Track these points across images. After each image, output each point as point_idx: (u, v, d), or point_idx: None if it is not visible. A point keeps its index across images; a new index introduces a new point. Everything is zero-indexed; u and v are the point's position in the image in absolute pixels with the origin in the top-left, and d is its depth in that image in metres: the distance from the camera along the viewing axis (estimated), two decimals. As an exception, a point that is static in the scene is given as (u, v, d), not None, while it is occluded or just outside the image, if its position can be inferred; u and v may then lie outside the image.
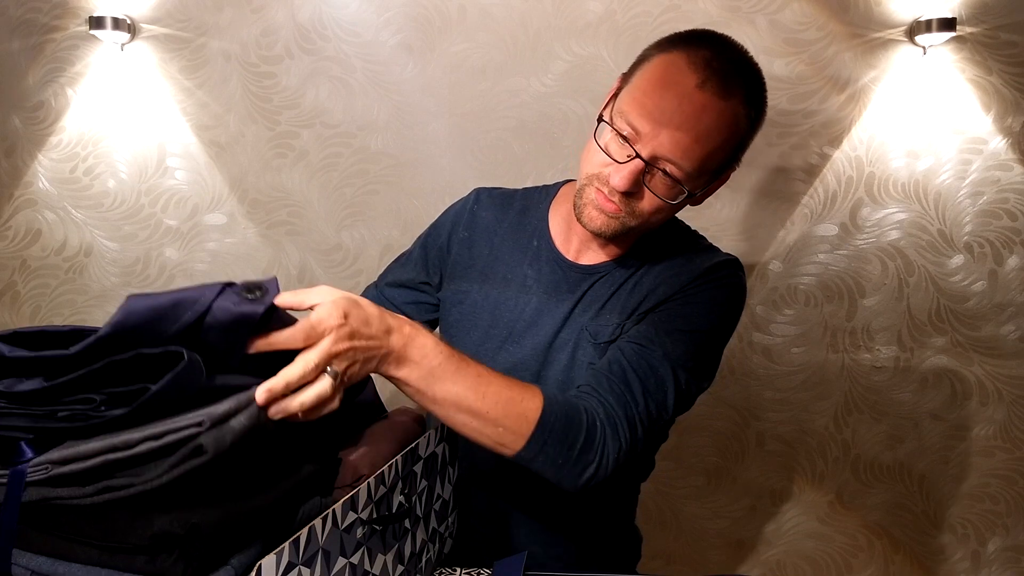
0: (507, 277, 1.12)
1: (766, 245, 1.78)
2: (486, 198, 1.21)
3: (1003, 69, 1.65)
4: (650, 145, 0.92)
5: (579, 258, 1.10)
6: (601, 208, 0.98)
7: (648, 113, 0.91)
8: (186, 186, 1.82)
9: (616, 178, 0.93)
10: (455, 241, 1.18)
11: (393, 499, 0.77)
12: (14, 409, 0.64)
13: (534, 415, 0.85)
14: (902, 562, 1.88)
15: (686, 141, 0.91)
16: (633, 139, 0.93)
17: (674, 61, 0.92)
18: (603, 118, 0.96)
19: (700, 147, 0.92)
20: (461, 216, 1.19)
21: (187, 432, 0.60)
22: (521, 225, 1.16)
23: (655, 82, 0.92)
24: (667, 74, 0.92)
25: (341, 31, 1.74)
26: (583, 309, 1.07)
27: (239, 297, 0.67)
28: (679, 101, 0.90)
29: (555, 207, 1.15)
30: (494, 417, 0.84)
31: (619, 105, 0.95)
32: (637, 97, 0.93)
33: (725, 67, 0.91)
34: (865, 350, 1.80)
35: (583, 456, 0.88)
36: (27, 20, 1.76)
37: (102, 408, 0.62)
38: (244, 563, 0.65)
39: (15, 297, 1.87)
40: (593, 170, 0.98)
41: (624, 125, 0.93)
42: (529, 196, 1.20)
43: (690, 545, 1.90)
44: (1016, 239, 1.72)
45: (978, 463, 1.82)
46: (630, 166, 0.93)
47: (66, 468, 0.61)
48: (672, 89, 0.91)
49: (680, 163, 0.92)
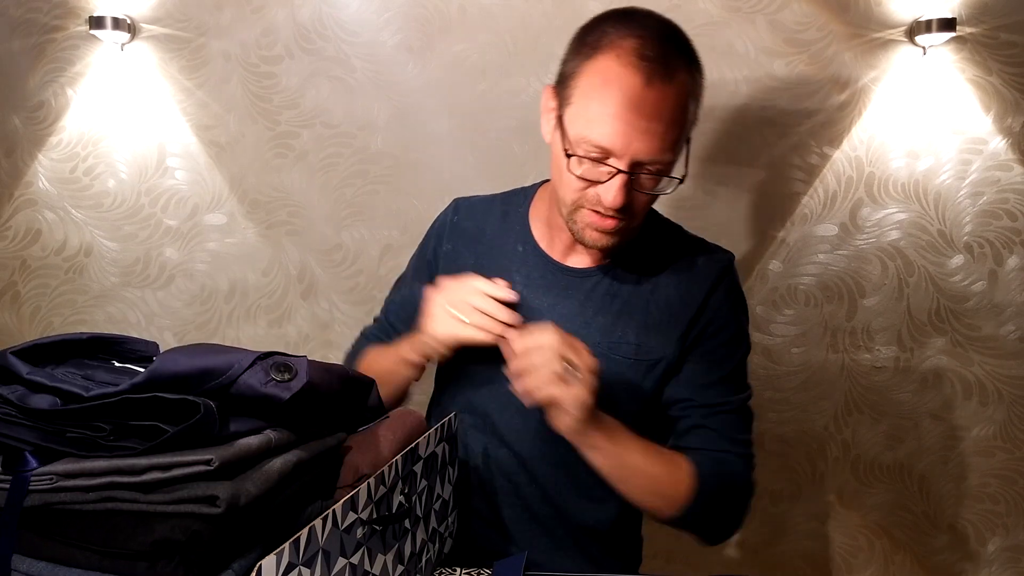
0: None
1: (766, 245, 1.78)
2: (465, 208, 1.20)
3: (1003, 69, 1.65)
4: (626, 156, 0.91)
5: (566, 260, 1.10)
6: (602, 229, 0.98)
7: (611, 131, 0.90)
8: (186, 186, 1.82)
9: (608, 197, 0.93)
10: (441, 255, 1.17)
11: (393, 499, 0.78)
12: (24, 421, 0.64)
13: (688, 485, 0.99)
14: (902, 562, 1.88)
15: (657, 138, 0.91)
16: (605, 156, 0.92)
17: (608, 68, 0.90)
18: (567, 152, 0.94)
19: (671, 134, 0.92)
20: (443, 230, 1.19)
21: (195, 469, 0.61)
22: (503, 231, 1.15)
23: (600, 99, 0.91)
24: (608, 85, 0.90)
25: (341, 31, 1.74)
26: (585, 320, 1.06)
27: (267, 376, 0.67)
28: (635, 107, 0.89)
29: (535, 210, 1.15)
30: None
31: (574, 132, 0.93)
32: (590, 119, 0.91)
33: (657, 49, 0.90)
34: (865, 350, 1.80)
35: (737, 518, 1.04)
36: (27, 20, 1.76)
37: (111, 438, 0.63)
38: (245, 567, 0.65)
39: (15, 297, 1.87)
40: (576, 195, 0.97)
41: (590, 149, 0.92)
42: (508, 201, 1.18)
43: (690, 545, 1.88)
44: (1016, 239, 1.72)
45: (978, 463, 1.82)
46: (616, 182, 0.92)
47: (70, 483, 0.61)
48: (621, 99, 0.89)
49: (661, 158, 0.92)
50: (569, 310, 1.07)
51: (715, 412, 1.04)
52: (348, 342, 1.29)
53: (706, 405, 1.04)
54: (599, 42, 0.93)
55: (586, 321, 1.06)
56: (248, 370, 0.66)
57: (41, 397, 0.64)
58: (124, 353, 0.78)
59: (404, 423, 0.93)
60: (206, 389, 0.64)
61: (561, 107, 0.97)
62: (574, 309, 1.07)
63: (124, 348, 0.78)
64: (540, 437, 1.09)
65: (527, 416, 1.08)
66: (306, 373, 0.70)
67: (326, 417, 0.81)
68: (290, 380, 0.68)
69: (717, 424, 1.03)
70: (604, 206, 0.94)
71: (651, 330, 1.05)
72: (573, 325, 1.06)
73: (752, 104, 1.71)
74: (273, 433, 0.70)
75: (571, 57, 0.97)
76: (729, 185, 1.75)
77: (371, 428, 0.89)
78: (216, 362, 0.65)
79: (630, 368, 1.05)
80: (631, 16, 0.95)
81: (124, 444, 0.63)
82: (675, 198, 1.76)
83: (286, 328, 1.87)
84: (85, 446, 0.63)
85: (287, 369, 0.68)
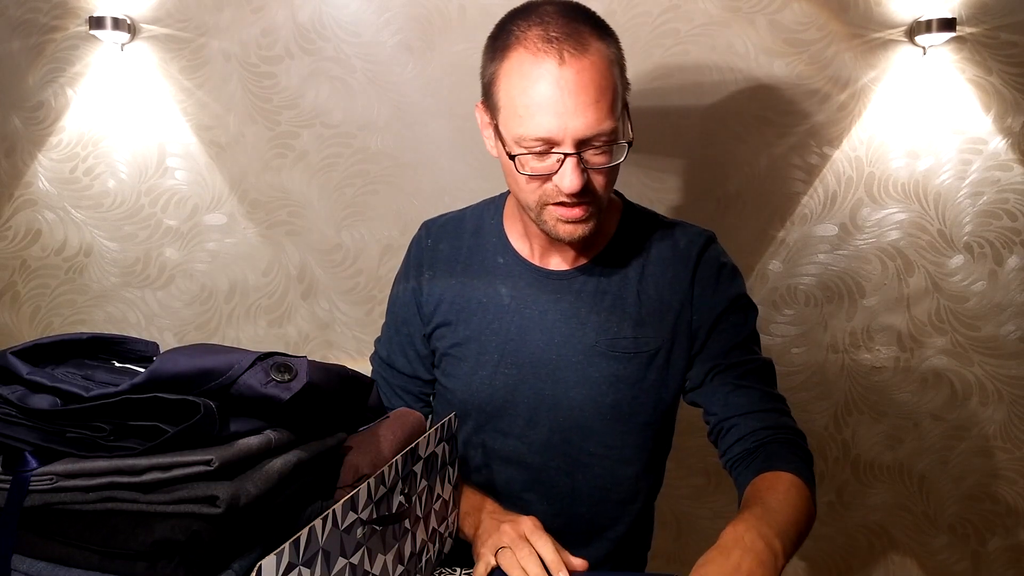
0: (482, 302, 1.10)
1: (766, 245, 1.78)
2: (436, 229, 1.18)
3: (1003, 69, 1.65)
4: (566, 139, 0.91)
5: (549, 264, 1.09)
6: (571, 219, 0.97)
7: (543, 120, 0.90)
8: (186, 186, 1.82)
9: (565, 183, 0.93)
10: (424, 282, 1.15)
11: (393, 499, 0.77)
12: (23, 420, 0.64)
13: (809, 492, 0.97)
14: (902, 562, 1.88)
15: (590, 110, 0.90)
16: (548, 146, 0.92)
17: (521, 62, 0.92)
18: (511, 155, 0.94)
19: (603, 102, 0.91)
20: (421, 256, 1.17)
21: (195, 469, 0.61)
22: (480, 246, 1.14)
23: (523, 93, 0.91)
24: (527, 78, 0.91)
25: (341, 31, 1.74)
26: (580, 321, 1.06)
27: (267, 376, 0.67)
28: (557, 88, 0.89)
29: (508, 220, 1.14)
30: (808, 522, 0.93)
31: (511, 134, 0.94)
32: (521, 116, 0.92)
33: (562, 28, 0.91)
34: (865, 350, 1.80)
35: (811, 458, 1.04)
36: (27, 20, 1.76)
37: (111, 438, 0.63)
38: (245, 567, 0.65)
39: (15, 297, 1.87)
40: (536, 195, 0.97)
41: (532, 144, 0.92)
42: (478, 215, 1.17)
43: (690, 545, 1.90)
44: (1016, 239, 1.72)
45: (978, 463, 1.82)
46: (567, 167, 0.92)
47: (70, 483, 0.61)
48: (542, 86, 0.90)
49: (600, 129, 0.92)
50: (562, 314, 1.07)
51: (747, 371, 1.06)
52: (348, 342, 1.29)
53: (735, 365, 1.06)
54: (507, 41, 0.94)
55: (581, 322, 1.06)
56: (248, 370, 0.66)
57: (41, 397, 0.64)
58: (124, 353, 0.78)
59: (404, 423, 0.93)
60: (206, 389, 0.64)
61: (494, 117, 0.97)
62: (567, 312, 1.07)
63: (124, 348, 0.78)
64: (542, 440, 1.09)
65: (530, 419, 1.09)
66: (306, 373, 0.70)
67: (326, 417, 0.81)
68: (290, 380, 0.68)
69: (753, 381, 1.05)
70: (565, 195, 0.94)
71: (645, 321, 1.06)
72: (568, 328, 1.06)
73: (752, 104, 1.71)
74: (273, 433, 0.70)
75: (487, 65, 0.98)
76: (729, 185, 1.75)
77: (371, 428, 0.89)
78: (216, 362, 0.65)
79: (631, 362, 1.05)
80: (530, 7, 0.96)
81: (124, 444, 0.63)
82: (675, 198, 1.76)
83: (286, 328, 1.87)
84: (85, 446, 0.63)
85: (287, 369, 0.68)
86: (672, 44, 1.68)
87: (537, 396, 1.08)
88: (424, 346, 1.17)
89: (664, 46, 1.68)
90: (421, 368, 1.17)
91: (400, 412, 0.97)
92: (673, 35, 1.67)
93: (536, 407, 1.08)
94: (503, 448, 1.11)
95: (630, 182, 1.75)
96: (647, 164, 1.75)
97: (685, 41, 1.67)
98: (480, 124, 1.02)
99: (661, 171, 1.75)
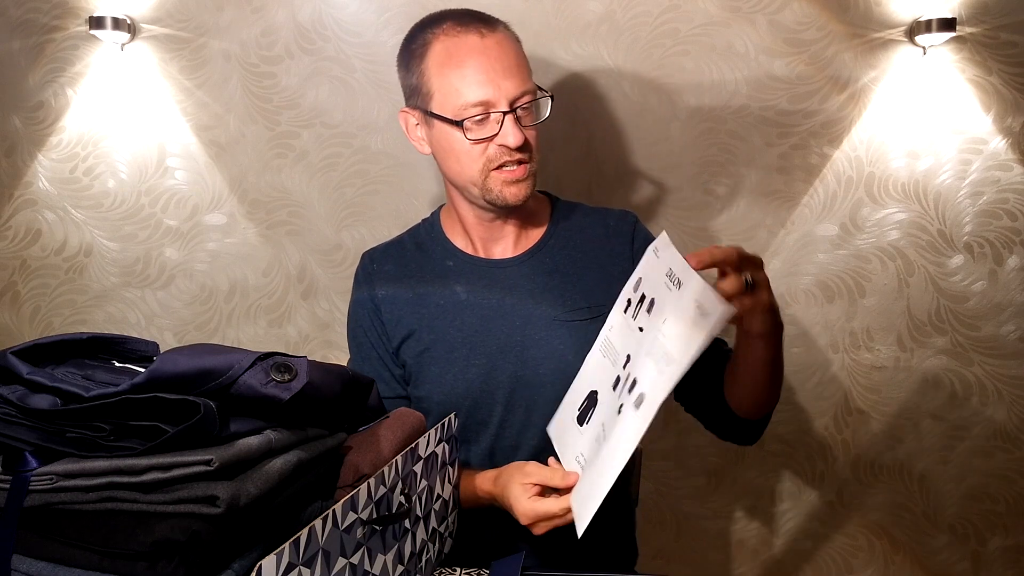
0: (440, 304, 1.14)
1: (766, 245, 1.78)
2: (379, 254, 1.24)
3: (1003, 69, 1.65)
4: (501, 98, 1.04)
5: (494, 255, 1.17)
6: (516, 178, 1.07)
7: (480, 85, 1.03)
8: (186, 186, 1.82)
9: (510, 138, 1.04)
10: (380, 300, 1.18)
11: (393, 499, 0.78)
12: (23, 420, 0.64)
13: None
14: (902, 562, 1.88)
15: (515, 71, 1.06)
16: (487, 109, 1.04)
17: (445, 46, 1.06)
18: (455, 121, 1.05)
19: (522, 66, 1.08)
20: (371, 279, 1.20)
21: (195, 469, 0.61)
22: (425, 258, 1.19)
23: (455, 69, 1.04)
24: (455, 56, 1.05)
25: (341, 31, 1.74)
26: (536, 300, 1.11)
27: (267, 376, 0.67)
28: (485, 57, 1.04)
29: (446, 225, 1.21)
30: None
31: (452, 109, 1.05)
32: (459, 88, 1.04)
33: (471, 15, 1.09)
34: (865, 350, 1.80)
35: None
36: (27, 20, 1.76)
37: (111, 438, 0.63)
38: (245, 567, 0.65)
39: (15, 297, 1.87)
40: (481, 161, 1.06)
41: (473, 110, 1.04)
42: (415, 233, 1.26)
43: (690, 545, 1.90)
44: (1016, 239, 1.72)
45: (978, 463, 1.82)
46: (508, 123, 1.04)
47: (70, 483, 0.61)
48: (472, 58, 1.04)
49: (526, 87, 1.06)
50: (518, 298, 1.12)
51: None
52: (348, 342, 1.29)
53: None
54: (425, 40, 1.08)
55: (537, 302, 1.11)
56: (248, 370, 0.66)
57: (41, 397, 0.64)
58: (124, 353, 0.78)
59: (404, 423, 0.93)
60: (206, 389, 0.64)
61: (426, 109, 1.08)
62: (522, 295, 1.12)
63: (124, 348, 0.78)
64: (521, 421, 1.10)
65: (507, 403, 1.10)
66: (306, 373, 0.70)
67: (326, 417, 0.81)
68: (290, 380, 0.68)
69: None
70: (510, 151, 1.04)
71: (594, 290, 1.13)
72: (527, 309, 1.11)
73: (752, 104, 1.71)
74: (273, 433, 0.70)
75: (410, 71, 1.10)
76: (729, 185, 1.75)
77: (371, 428, 0.89)
78: (216, 362, 0.65)
79: (591, 327, 1.07)
80: (429, 18, 1.12)
81: (124, 444, 0.63)
82: (675, 198, 1.76)
83: (286, 328, 1.87)
84: (85, 446, 0.63)
85: (287, 369, 0.69)
86: (672, 44, 1.68)
87: (511, 379, 1.11)
88: (395, 364, 1.19)
89: (664, 46, 1.68)
90: (399, 387, 1.19)
91: (400, 412, 0.97)
92: (673, 35, 1.67)
93: (512, 389, 1.12)
94: (485, 439, 1.14)
95: (630, 182, 1.75)
96: (647, 164, 1.75)
97: (685, 41, 1.67)
98: (406, 129, 1.13)
99: (661, 171, 1.75)
